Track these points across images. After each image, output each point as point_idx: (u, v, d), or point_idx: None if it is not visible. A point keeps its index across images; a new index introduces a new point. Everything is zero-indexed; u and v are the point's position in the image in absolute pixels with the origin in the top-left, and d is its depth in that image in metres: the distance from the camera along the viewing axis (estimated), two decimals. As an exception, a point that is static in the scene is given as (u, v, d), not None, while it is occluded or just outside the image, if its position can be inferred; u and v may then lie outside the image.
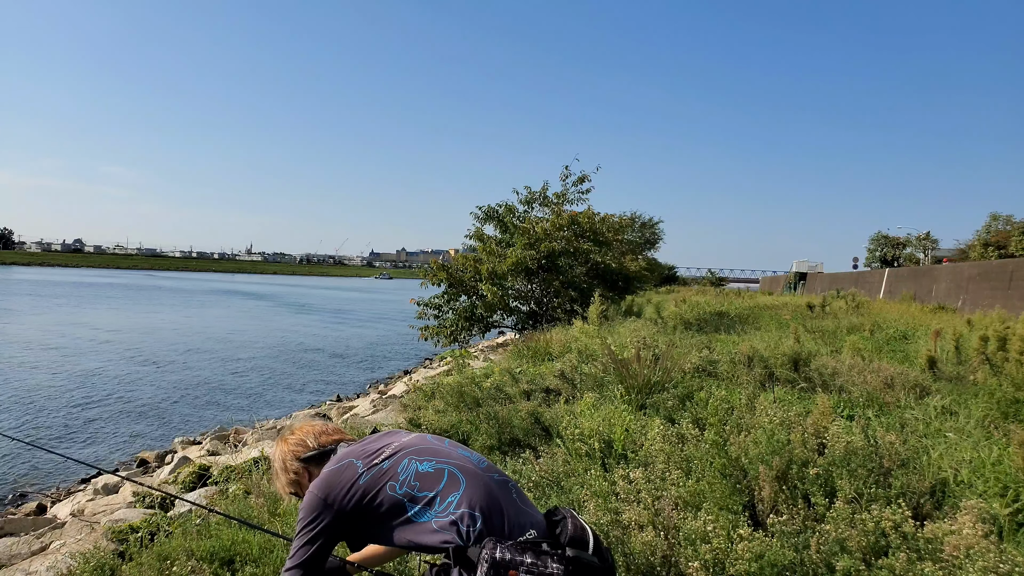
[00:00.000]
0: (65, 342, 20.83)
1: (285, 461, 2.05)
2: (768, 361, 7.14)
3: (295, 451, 2.05)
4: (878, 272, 30.85)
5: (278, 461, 2.08)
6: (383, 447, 1.91)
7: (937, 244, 45.68)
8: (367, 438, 2.02)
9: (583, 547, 1.73)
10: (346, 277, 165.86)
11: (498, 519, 1.74)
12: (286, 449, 2.07)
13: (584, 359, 8.07)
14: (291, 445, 2.07)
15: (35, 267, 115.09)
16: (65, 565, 3.95)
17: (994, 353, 6.54)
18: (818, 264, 48.74)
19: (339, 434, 2.08)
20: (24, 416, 11.56)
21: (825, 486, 3.32)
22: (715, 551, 2.73)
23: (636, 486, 3.36)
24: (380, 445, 1.92)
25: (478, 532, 1.69)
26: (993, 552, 2.37)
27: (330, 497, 1.80)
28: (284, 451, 2.07)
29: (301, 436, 2.08)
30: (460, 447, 1.97)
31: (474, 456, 1.94)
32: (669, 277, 54.16)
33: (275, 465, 2.10)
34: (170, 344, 21.77)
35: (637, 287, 21.32)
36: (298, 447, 2.05)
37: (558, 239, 15.71)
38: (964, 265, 22.05)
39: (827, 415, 4.22)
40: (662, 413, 5.33)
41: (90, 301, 40.59)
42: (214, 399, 13.90)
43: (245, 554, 3.32)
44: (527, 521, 1.78)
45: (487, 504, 1.76)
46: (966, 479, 3.54)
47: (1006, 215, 33.36)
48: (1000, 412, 5.08)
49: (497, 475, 1.90)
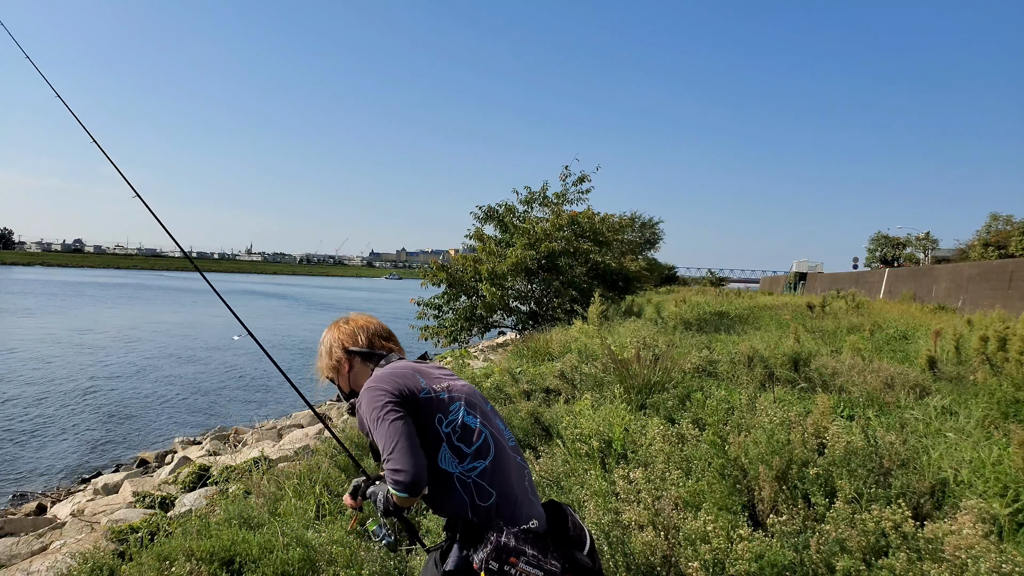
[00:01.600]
0: (74, 342, 20.82)
1: (332, 347, 2.07)
2: (768, 361, 7.14)
3: (344, 341, 2.06)
4: (878, 272, 30.83)
5: (325, 344, 2.09)
6: (441, 377, 1.93)
7: (937, 244, 45.67)
8: (426, 363, 2.01)
9: (580, 547, 1.78)
10: (346, 277, 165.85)
11: (510, 503, 1.77)
12: (337, 336, 2.08)
13: (584, 359, 8.07)
14: (343, 334, 2.08)
15: (35, 267, 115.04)
16: (65, 565, 3.95)
17: (994, 353, 6.54)
18: (818, 264, 48.70)
19: (394, 343, 2.11)
20: (25, 415, 11.55)
21: (825, 486, 3.32)
22: (715, 551, 2.73)
23: (636, 486, 3.36)
24: (439, 374, 1.95)
25: (487, 510, 1.73)
26: (994, 552, 2.37)
27: (395, 389, 1.80)
28: (335, 337, 2.08)
29: (355, 328, 2.09)
30: (497, 416, 1.98)
31: (507, 431, 1.96)
32: (669, 277, 54.12)
33: (321, 347, 2.11)
34: (171, 344, 21.76)
35: (637, 287, 21.31)
36: (349, 338, 2.06)
37: (558, 239, 15.70)
38: (964, 265, 22.04)
39: (827, 415, 4.22)
40: (662, 413, 5.33)
41: (102, 301, 40.57)
42: (214, 399, 13.90)
43: (245, 554, 3.32)
44: (532, 512, 1.81)
45: (505, 486, 1.79)
46: (966, 479, 3.54)
47: (1006, 215, 33.37)
48: (1000, 412, 5.07)
49: (520, 458, 1.93)
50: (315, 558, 3.23)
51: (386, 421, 1.73)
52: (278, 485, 4.41)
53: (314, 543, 3.32)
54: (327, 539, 3.36)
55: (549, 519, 1.85)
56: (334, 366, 2.05)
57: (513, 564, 1.58)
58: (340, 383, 2.07)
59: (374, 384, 1.83)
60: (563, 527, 1.83)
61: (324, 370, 2.09)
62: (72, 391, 13.70)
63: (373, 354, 2.04)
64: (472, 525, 1.70)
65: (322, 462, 4.59)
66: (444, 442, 1.78)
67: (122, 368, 16.70)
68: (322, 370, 2.10)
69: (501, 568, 1.58)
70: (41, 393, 13.36)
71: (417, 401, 1.80)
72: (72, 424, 11.26)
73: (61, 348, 19.57)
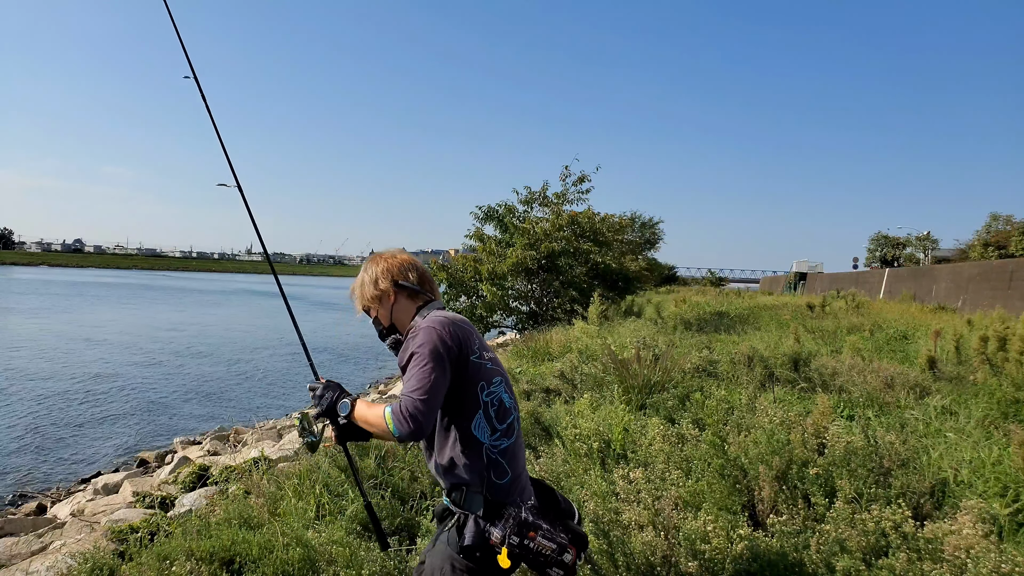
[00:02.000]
0: (74, 342, 20.83)
1: (379, 277, 1.97)
2: (768, 361, 7.14)
3: (394, 273, 1.97)
4: (878, 272, 30.83)
5: (370, 274, 1.99)
6: (485, 346, 1.92)
7: (937, 244, 45.65)
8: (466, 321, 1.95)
9: (572, 519, 1.90)
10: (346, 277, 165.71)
11: (520, 483, 1.85)
12: (386, 267, 1.98)
13: (584, 359, 8.07)
14: (393, 266, 1.98)
15: (35, 267, 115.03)
16: (65, 565, 3.95)
17: (994, 353, 6.53)
18: (818, 264, 48.69)
19: (437, 292, 2.03)
20: (25, 415, 11.55)
21: (825, 486, 3.32)
22: (715, 551, 2.73)
23: (636, 486, 3.36)
24: (482, 342, 1.93)
25: (502, 488, 1.78)
26: (993, 552, 2.37)
27: (454, 342, 1.78)
28: (384, 268, 1.98)
29: (405, 263, 2.01)
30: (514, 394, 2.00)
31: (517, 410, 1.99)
32: (669, 277, 54.10)
33: (365, 276, 2.00)
34: (172, 345, 21.76)
35: (637, 287, 21.29)
36: (399, 271, 1.98)
37: (558, 239, 15.69)
38: (964, 265, 22.04)
39: (827, 415, 4.22)
40: (662, 413, 5.33)
41: (103, 301, 40.56)
42: (214, 399, 13.90)
43: (245, 554, 3.32)
44: (529, 490, 1.90)
45: (518, 467, 1.86)
46: (966, 479, 3.54)
47: (1006, 215, 33.33)
48: (1000, 412, 5.07)
49: (521, 437, 1.98)
50: (315, 558, 3.22)
51: (428, 367, 1.72)
52: (278, 485, 4.40)
53: (314, 543, 3.32)
54: (327, 539, 3.36)
55: (537, 495, 1.93)
56: (378, 296, 1.96)
57: (532, 538, 1.67)
58: (380, 315, 1.97)
59: (438, 327, 1.79)
60: (555, 501, 1.93)
61: (365, 300, 1.98)
62: (72, 391, 13.70)
63: (420, 293, 1.97)
64: (488, 501, 1.75)
65: (322, 462, 4.58)
66: (481, 410, 1.80)
67: (122, 368, 16.70)
68: (363, 299, 1.99)
69: (522, 542, 1.66)
70: (41, 393, 13.36)
71: (467, 362, 1.79)
72: (72, 424, 11.26)
73: (61, 348, 19.57)
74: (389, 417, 1.70)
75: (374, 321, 2.01)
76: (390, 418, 1.70)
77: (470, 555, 1.70)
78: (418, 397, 1.69)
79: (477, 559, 1.70)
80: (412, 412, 1.67)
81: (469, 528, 1.72)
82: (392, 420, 1.69)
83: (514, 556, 1.66)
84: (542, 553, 1.66)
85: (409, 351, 1.78)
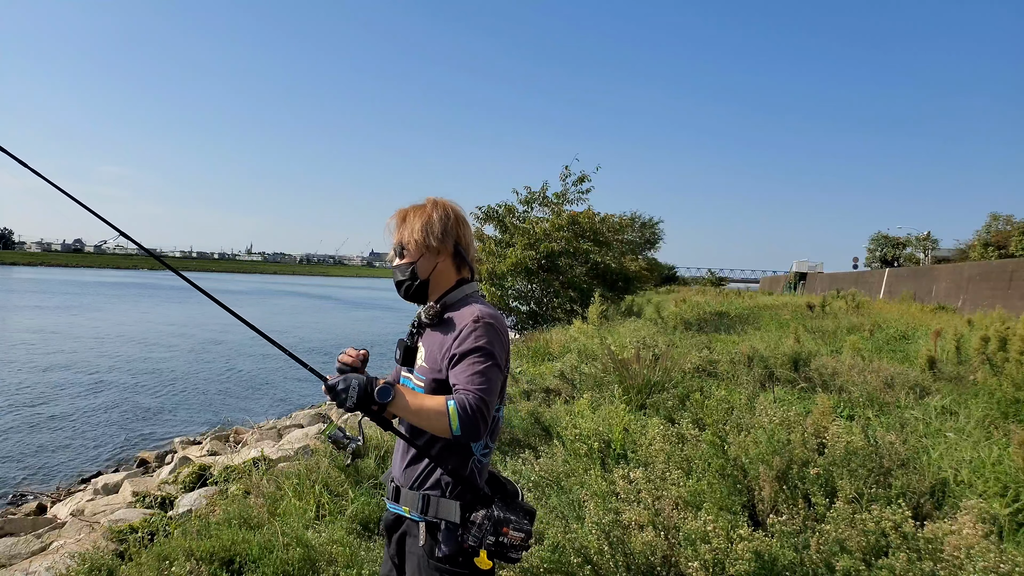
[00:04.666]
0: (74, 341, 20.82)
1: (449, 230, 1.75)
2: (768, 361, 7.13)
3: (460, 235, 1.78)
4: (878, 272, 30.83)
5: (438, 225, 1.74)
6: None
7: (937, 244, 45.62)
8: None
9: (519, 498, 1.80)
10: (346, 277, 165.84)
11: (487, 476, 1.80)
12: (455, 228, 1.77)
13: (584, 359, 8.06)
14: (463, 228, 1.78)
15: (36, 267, 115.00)
16: (64, 565, 3.95)
17: (994, 353, 6.53)
18: (818, 264, 48.70)
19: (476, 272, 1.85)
20: (25, 415, 11.55)
21: (825, 486, 3.32)
22: (715, 551, 2.73)
23: (636, 486, 3.36)
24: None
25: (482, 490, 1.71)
26: (993, 552, 2.37)
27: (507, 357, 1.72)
28: (452, 226, 1.76)
29: (470, 233, 1.81)
30: None
31: None
32: (669, 277, 54.10)
33: (433, 216, 1.74)
34: (171, 343, 21.76)
35: (637, 287, 21.30)
36: (464, 237, 1.78)
37: (558, 239, 15.70)
38: (964, 265, 22.03)
39: (827, 415, 4.22)
40: (662, 413, 5.33)
41: (105, 301, 40.54)
42: (214, 399, 13.90)
43: (245, 554, 3.32)
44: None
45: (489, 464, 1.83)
46: (966, 479, 3.54)
47: (1006, 215, 33.28)
48: (1000, 412, 5.07)
49: None
50: (315, 558, 3.22)
51: (495, 370, 1.62)
52: (278, 485, 4.40)
53: (314, 543, 3.32)
54: (327, 539, 3.36)
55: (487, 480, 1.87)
56: (435, 249, 1.74)
57: (505, 533, 1.61)
58: (421, 266, 1.74)
59: (503, 334, 1.68)
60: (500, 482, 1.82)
61: (416, 242, 1.73)
62: (72, 391, 13.69)
63: (468, 266, 1.79)
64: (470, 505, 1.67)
65: (322, 462, 4.58)
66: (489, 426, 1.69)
67: (122, 367, 16.70)
68: (413, 239, 1.73)
69: (498, 540, 1.60)
70: (41, 393, 13.36)
71: (505, 378, 1.72)
72: (72, 424, 11.26)
73: (61, 347, 19.57)
74: (454, 412, 1.54)
75: (402, 266, 1.77)
76: (455, 413, 1.54)
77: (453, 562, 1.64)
78: (486, 397, 1.57)
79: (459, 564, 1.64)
80: (480, 411, 1.55)
81: (444, 536, 1.65)
82: (457, 416, 1.54)
83: (492, 555, 1.62)
84: (513, 545, 1.61)
85: (474, 343, 1.62)
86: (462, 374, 1.61)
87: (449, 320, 1.70)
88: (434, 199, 1.81)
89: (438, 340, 1.70)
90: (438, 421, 1.56)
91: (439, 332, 1.71)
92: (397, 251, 1.78)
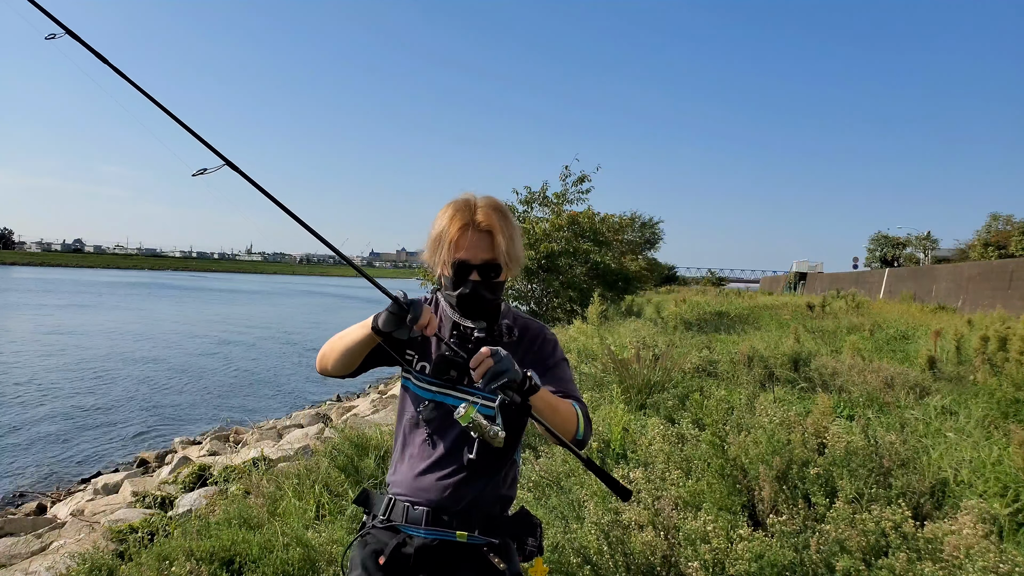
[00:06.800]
0: (74, 341, 20.82)
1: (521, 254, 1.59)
2: (768, 361, 7.14)
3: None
4: (878, 272, 30.84)
5: (520, 232, 1.59)
6: None
7: (937, 244, 45.65)
8: None
9: None
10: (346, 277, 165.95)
11: None
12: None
13: (584, 359, 8.06)
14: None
15: (36, 267, 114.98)
16: (64, 565, 3.95)
17: (994, 353, 6.54)
18: (818, 264, 48.71)
19: None
20: (25, 415, 11.55)
21: (825, 486, 3.32)
22: (715, 551, 2.73)
23: (636, 486, 3.36)
24: None
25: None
26: (993, 552, 2.37)
27: None
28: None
29: None
30: None
31: None
32: (669, 277, 54.12)
33: (517, 229, 1.55)
34: (171, 343, 21.76)
35: (637, 287, 21.29)
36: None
37: (558, 239, 15.70)
38: (964, 265, 22.04)
39: (827, 415, 4.22)
40: (662, 413, 5.33)
41: (105, 301, 40.54)
42: (214, 399, 13.90)
43: (245, 554, 3.32)
44: None
45: None
46: (966, 479, 3.54)
47: (1006, 215, 33.35)
48: (1000, 412, 5.07)
49: None
50: (315, 558, 3.22)
51: (571, 372, 1.59)
52: (278, 485, 4.40)
53: (314, 543, 3.32)
54: (327, 539, 3.36)
55: None
56: (523, 264, 1.65)
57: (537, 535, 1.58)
58: (504, 280, 1.55)
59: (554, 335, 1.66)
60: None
61: (516, 264, 1.53)
62: (72, 391, 13.69)
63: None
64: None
65: (322, 462, 4.58)
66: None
67: (121, 367, 16.70)
68: (516, 260, 1.53)
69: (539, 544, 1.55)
70: (41, 393, 13.36)
71: None
72: (72, 424, 11.26)
73: (61, 347, 19.56)
74: (581, 416, 1.43)
75: (495, 284, 1.51)
76: (582, 417, 1.43)
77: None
78: (581, 398, 1.51)
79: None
80: (590, 420, 1.46)
81: (512, 551, 1.51)
82: (584, 421, 1.43)
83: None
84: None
85: (557, 353, 1.58)
86: (561, 383, 1.51)
87: (519, 334, 1.57)
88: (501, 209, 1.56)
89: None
90: (569, 423, 1.40)
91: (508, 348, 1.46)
92: (493, 261, 1.50)
